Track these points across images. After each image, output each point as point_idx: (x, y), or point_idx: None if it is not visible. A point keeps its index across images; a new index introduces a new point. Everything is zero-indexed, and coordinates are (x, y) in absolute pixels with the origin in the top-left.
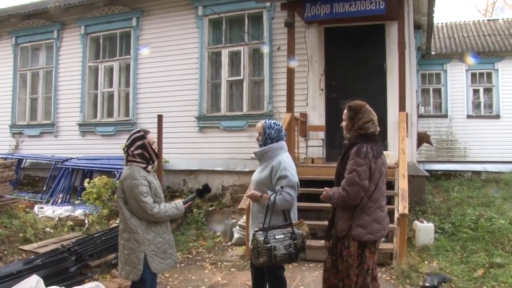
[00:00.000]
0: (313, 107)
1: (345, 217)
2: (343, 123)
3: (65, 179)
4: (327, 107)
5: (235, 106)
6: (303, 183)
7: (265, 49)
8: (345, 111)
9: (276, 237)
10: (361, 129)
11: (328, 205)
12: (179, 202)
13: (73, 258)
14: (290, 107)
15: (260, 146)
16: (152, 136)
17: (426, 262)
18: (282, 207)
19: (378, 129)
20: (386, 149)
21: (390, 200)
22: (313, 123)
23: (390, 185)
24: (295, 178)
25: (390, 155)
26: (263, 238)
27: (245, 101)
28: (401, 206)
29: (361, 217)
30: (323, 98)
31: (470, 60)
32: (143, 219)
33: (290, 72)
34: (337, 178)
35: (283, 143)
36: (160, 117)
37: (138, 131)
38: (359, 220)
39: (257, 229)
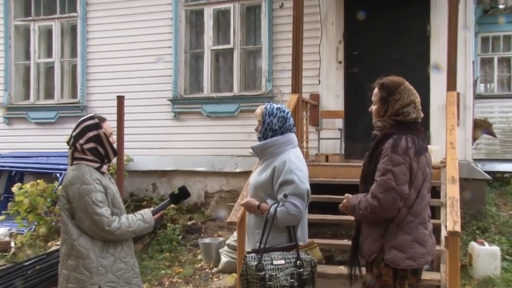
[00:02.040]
0: (328, 86)
1: (375, 235)
2: (373, 107)
3: None
4: (346, 86)
5: (222, 84)
6: (314, 188)
7: (264, 7)
8: (376, 90)
9: (274, 262)
10: (398, 115)
11: (349, 218)
12: (146, 211)
13: None
14: (296, 87)
15: (259, 139)
16: (110, 125)
17: None
18: (285, 222)
19: (422, 115)
20: (428, 142)
21: (435, 212)
22: (327, 108)
23: (435, 192)
24: (305, 185)
25: (434, 151)
26: (256, 263)
27: (236, 78)
28: (451, 221)
29: (398, 235)
30: (341, 73)
31: None
32: (98, 238)
33: (297, 39)
34: (364, 181)
35: (291, 136)
36: (120, 99)
37: (91, 118)
38: (395, 240)
39: (249, 250)
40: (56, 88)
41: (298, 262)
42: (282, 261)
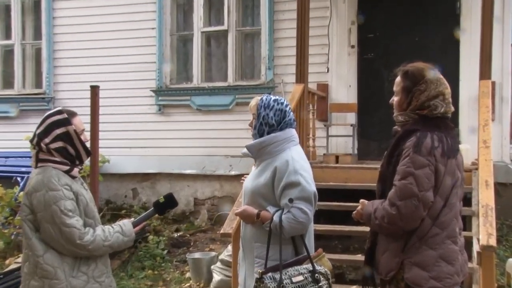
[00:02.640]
0: (338, 74)
1: (393, 249)
2: (394, 99)
3: None
4: (360, 74)
5: (215, 73)
6: (322, 193)
7: None
8: (398, 79)
9: (294, 280)
10: (424, 109)
11: (363, 228)
12: (126, 223)
13: None
14: (301, 75)
15: (254, 136)
16: (82, 121)
17: None
18: (292, 232)
19: (452, 108)
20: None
21: (466, 223)
22: (338, 100)
23: (465, 199)
24: (311, 187)
25: (464, 150)
26: (276, 283)
27: (231, 65)
28: (484, 234)
29: (421, 250)
30: (354, 60)
31: None
32: (67, 253)
33: (302, 19)
34: (382, 186)
35: (291, 132)
36: (94, 90)
37: (59, 112)
38: (417, 256)
39: (260, 270)
40: (16, 76)
41: (315, 275)
42: (301, 277)
